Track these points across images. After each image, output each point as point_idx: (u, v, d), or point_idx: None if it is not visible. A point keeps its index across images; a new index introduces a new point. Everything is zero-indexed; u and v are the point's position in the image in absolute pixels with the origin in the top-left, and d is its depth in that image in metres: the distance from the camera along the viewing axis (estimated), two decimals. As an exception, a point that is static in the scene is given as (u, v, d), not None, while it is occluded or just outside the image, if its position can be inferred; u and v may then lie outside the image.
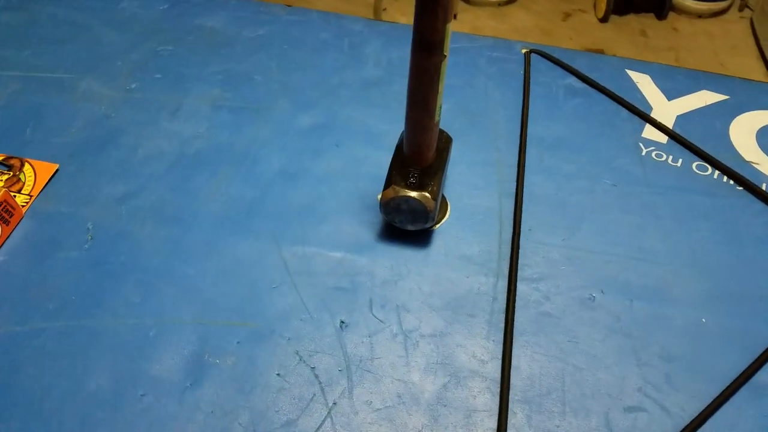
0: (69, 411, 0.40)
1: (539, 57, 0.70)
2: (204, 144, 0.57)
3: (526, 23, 2.24)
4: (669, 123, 0.62)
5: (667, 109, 0.64)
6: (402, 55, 0.69)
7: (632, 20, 2.25)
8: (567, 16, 2.30)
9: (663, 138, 0.61)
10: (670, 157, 0.59)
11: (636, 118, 0.63)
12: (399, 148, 0.50)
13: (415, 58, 0.41)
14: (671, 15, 2.24)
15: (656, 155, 0.59)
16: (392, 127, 0.60)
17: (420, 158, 0.48)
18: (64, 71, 0.64)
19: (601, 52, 2.09)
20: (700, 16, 2.24)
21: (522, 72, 0.68)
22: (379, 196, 0.54)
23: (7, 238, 0.50)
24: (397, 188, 0.47)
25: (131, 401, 0.41)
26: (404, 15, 2.18)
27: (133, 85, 0.63)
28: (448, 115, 0.62)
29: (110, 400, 0.41)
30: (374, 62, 0.68)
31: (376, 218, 0.52)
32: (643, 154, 0.59)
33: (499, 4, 2.33)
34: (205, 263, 0.48)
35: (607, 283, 0.48)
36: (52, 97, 0.61)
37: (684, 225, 0.53)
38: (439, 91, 0.43)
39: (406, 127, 0.47)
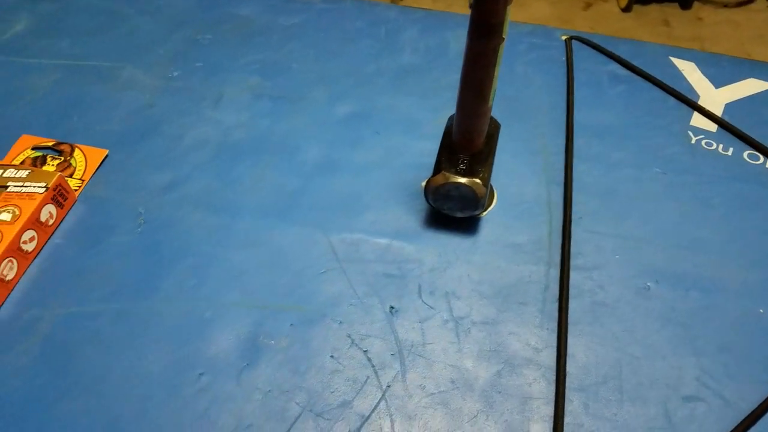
0: (129, 391, 0.41)
1: (580, 44, 0.69)
2: (245, 133, 0.57)
3: (545, 12, 2.21)
4: (718, 111, 0.61)
5: (714, 97, 0.63)
6: (439, 41, 0.69)
7: (655, 10, 2.22)
8: (588, 5, 2.27)
9: (712, 126, 0.59)
10: (720, 146, 0.57)
11: (683, 106, 0.61)
12: (447, 134, 0.49)
13: (473, 41, 0.41)
14: (695, 4, 2.20)
15: (706, 144, 0.58)
16: (431, 115, 0.59)
17: (470, 144, 0.47)
18: (104, 60, 0.65)
19: (625, 43, 2.06)
20: (726, 5, 2.20)
21: (563, 59, 0.67)
22: (423, 183, 0.54)
23: (61, 222, 0.50)
24: (447, 174, 0.46)
25: (190, 381, 0.41)
26: (420, 4, 2.17)
27: (175, 74, 0.63)
28: (491, 103, 0.61)
29: (169, 380, 0.41)
30: (411, 50, 0.68)
31: (421, 205, 0.52)
32: (693, 142, 0.58)
33: (519, -7, 2.30)
34: (253, 250, 0.49)
35: (661, 272, 0.48)
36: (94, 85, 0.62)
37: (737, 214, 0.52)
38: (495, 75, 0.43)
39: (457, 113, 0.46)
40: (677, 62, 0.66)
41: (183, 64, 0.64)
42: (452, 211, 0.49)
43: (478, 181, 0.46)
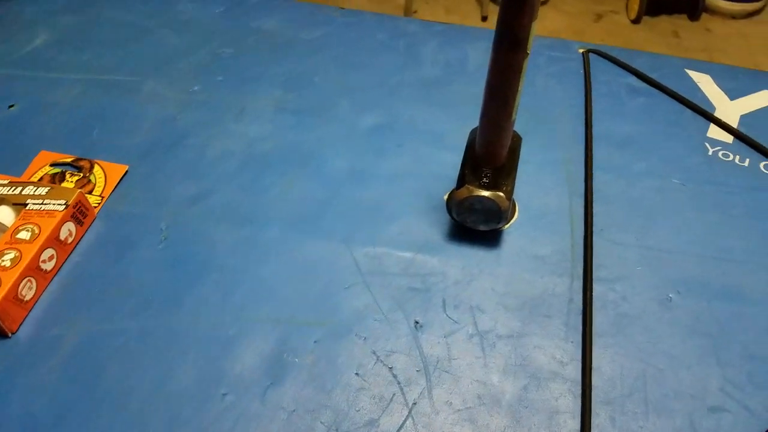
0: (154, 410, 0.41)
1: (597, 57, 0.69)
2: (270, 145, 0.58)
3: (558, 24, 2.23)
4: (733, 123, 0.61)
5: (730, 109, 0.63)
6: (459, 55, 0.69)
7: (664, 21, 2.23)
8: (599, 17, 2.28)
9: (728, 138, 0.60)
10: (737, 157, 0.58)
11: (700, 118, 0.62)
12: (470, 147, 0.50)
13: (498, 55, 0.41)
14: (704, 16, 2.21)
15: (723, 155, 0.58)
16: (454, 126, 0.60)
17: (494, 157, 0.48)
18: (126, 74, 0.65)
19: (634, 52, 2.07)
20: (734, 17, 2.20)
21: (581, 71, 0.67)
22: (446, 196, 0.54)
23: (80, 239, 0.50)
24: (471, 188, 0.47)
25: (215, 400, 0.41)
26: (434, 17, 2.18)
27: (196, 87, 0.64)
28: (509, 115, 0.62)
29: (194, 399, 0.41)
30: (431, 63, 0.68)
31: (444, 218, 0.52)
32: (710, 153, 0.58)
33: (531, 5, 2.31)
34: (279, 263, 0.49)
35: (684, 283, 0.48)
36: (116, 99, 0.62)
37: (758, 223, 0.52)
38: (519, 90, 0.43)
39: (481, 125, 0.47)
40: (693, 74, 0.67)
41: (204, 78, 0.65)
42: (475, 224, 0.49)
43: (501, 194, 0.46)
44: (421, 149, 0.58)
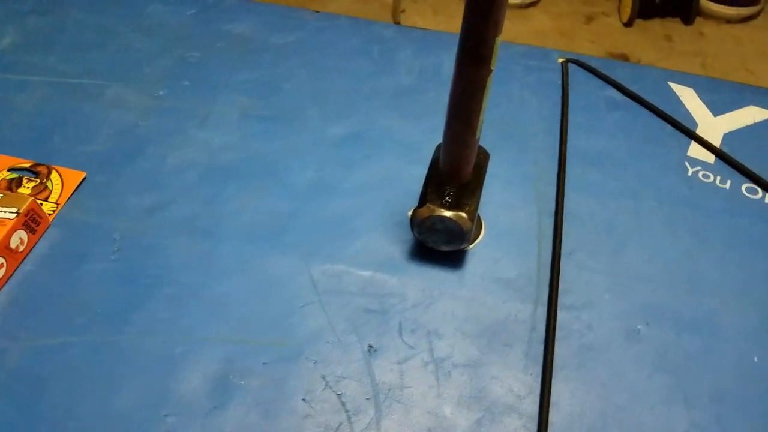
0: (95, 431, 0.39)
1: (577, 66, 0.67)
2: (234, 155, 0.56)
3: (546, 26, 2.20)
4: (716, 141, 0.59)
5: (713, 126, 0.61)
6: (435, 62, 0.67)
7: (657, 24, 2.20)
8: (589, 19, 2.25)
9: (710, 157, 0.58)
10: (718, 178, 0.56)
11: (681, 135, 0.60)
12: (434, 163, 0.48)
13: (461, 70, 0.39)
14: (698, 20, 2.18)
15: (703, 176, 0.56)
16: (425, 137, 0.58)
17: (457, 175, 0.46)
18: (91, 77, 0.63)
19: (624, 56, 2.05)
20: (729, 21, 2.17)
21: (560, 82, 0.65)
22: (410, 213, 0.52)
23: (33, 247, 0.49)
24: (432, 207, 0.45)
25: (155, 422, 0.40)
26: (421, 17, 2.15)
27: (161, 92, 0.62)
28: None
29: (135, 420, 0.40)
30: (406, 70, 0.66)
31: (408, 235, 0.50)
32: (690, 174, 0.56)
33: (520, 6, 2.28)
34: (234, 279, 0.47)
35: (654, 313, 0.46)
36: (79, 103, 0.60)
37: (735, 252, 0.50)
38: (483, 106, 0.41)
39: (444, 142, 0.45)
40: (676, 88, 0.65)
41: (170, 82, 0.63)
42: (437, 244, 0.47)
43: (463, 215, 0.44)
44: (389, 161, 0.56)
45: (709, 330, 0.45)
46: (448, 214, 0.44)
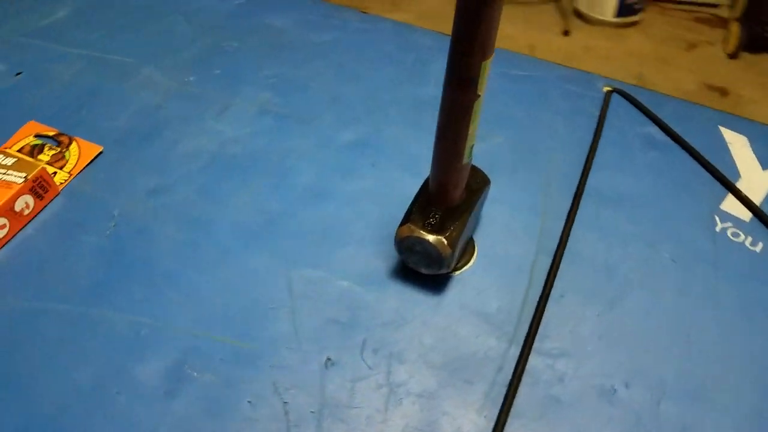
0: (50, 398, 0.40)
1: (621, 98, 0.63)
2: (240, 149, 0.56)
3: (644, 48, 2.08)
4: (757, 197, 0.53)
5: (758, 180, 0.55)
6: (468, 78, 0.65)
7: (766, 60, 2.03)
8: (692, 46, 2.12)
9: (746, 214, 0.52)
10: (749, 239, 0.50)
11: (718, 185, 0.54)
12: (427, 182, 0.46)
13: (447, 93, 0.37)
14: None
15: (733, 234, 0.50)
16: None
17: (445, 198, 0.44)
18: (129, 56, 0.66)
19: (723, 90, 1.91)
20: None
21: (597, 112, 0.61)
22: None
23: (39, 212, 0.51)
24: (413, 227, 0.43)
25: (108, 398, 0.40)
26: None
27: (191, 78, 0.63)
28: (499, 148, 0.57)
29: (89, 393, 0.41)
30: (436, 81, 0.64)
31: (394, 251, 0.49)
32: (718, 229, 0.51)
33: (618, 26, 2.19)
34: (214, 273, 0.47)
35: (637, 374, 0.42)
36: (112, 80, 0.63)
37: (748, 323, 0.45)
38: (470, 132, 0.39)
39: (432, 164, 0.43)
40: (726, 133, 0.59)
41: (202, 69, 0.64)
42: (417, 266, 0.45)
43: (443, 239, 0.42)
44: (392, 172, 0.55)
45: (694, 401, 0.40)
46: (427, 237, 0.43)
